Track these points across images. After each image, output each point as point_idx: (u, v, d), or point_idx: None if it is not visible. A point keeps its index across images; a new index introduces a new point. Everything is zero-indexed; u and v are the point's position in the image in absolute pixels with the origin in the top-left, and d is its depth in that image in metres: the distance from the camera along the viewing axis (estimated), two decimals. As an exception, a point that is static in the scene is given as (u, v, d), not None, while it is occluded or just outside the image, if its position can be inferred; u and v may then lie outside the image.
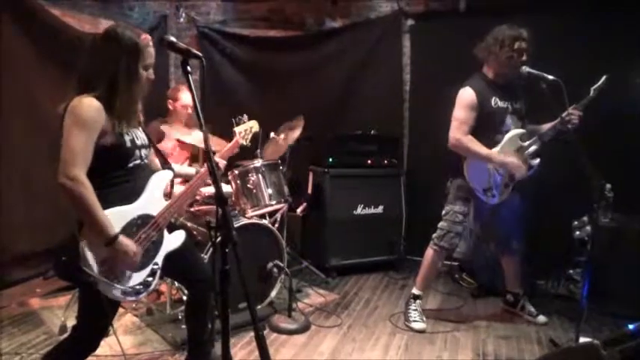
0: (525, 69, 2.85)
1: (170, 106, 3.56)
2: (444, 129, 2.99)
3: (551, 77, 2.74)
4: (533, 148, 3.00)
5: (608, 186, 3.25)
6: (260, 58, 4.90)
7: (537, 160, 3.02)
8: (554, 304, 3.49)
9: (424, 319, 3.16)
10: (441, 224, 3.12)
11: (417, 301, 3.21)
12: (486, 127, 2.95)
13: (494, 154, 2.93)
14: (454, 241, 3.10)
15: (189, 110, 3.57)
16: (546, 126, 3.00)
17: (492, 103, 2.95)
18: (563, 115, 2.81)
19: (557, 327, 3.17)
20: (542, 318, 3.22)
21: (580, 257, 3.44)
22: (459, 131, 2.93)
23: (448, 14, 4.43)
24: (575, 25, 3.75)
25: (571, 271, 3.66)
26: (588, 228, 3.31)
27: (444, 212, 3.14)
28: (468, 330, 3.13)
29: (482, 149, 2.92)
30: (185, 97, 3.54)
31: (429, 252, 3.17)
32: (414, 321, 3.13)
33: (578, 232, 3.39)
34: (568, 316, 3.27)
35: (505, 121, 2.99)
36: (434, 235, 3.15)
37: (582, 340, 2.55)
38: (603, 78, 2.77)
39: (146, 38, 1.87)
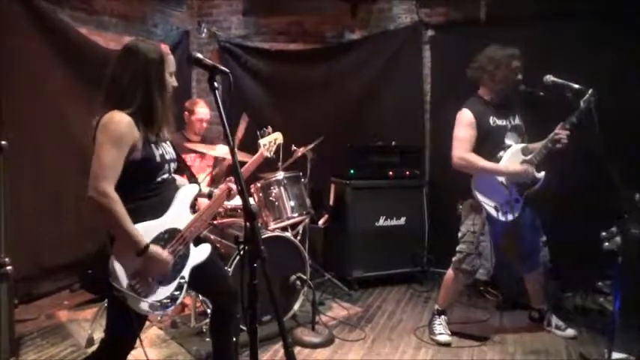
0: (550, 78, 2.81)
1: (186, 119, 3.66)
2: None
3: (576, 86, 2.71)
4: (536, 161, 2.95)
5: (638, 195, 3.17)
6: (280, 71, 4.95)
7: (542, 174, 2.96)
8: (583, 318, 3.41)
9: (449, 332, 3.11)
10: (459, 247, 3.06)
11: (442, 315, 3.17)
12: (487, 146, 2.94)
13: (500, 165, 2.92)
14: (475, 263, 3.02)
15: (204, 124, 3.67)
16: (538, 145, 2.95)
17: (491, 122, 2.96)
18: (551, 135, 2.83)
19: (587, 341, 3.09)
20: (570, 332, 3.15)
21: (610, 269, 3.35)
22: (460, 149, 2.93)
23: (468, 24, 4.40)
24: (596, 33, 3.69)
25: (599, 284, 3.57)
26: (618, 239, 3.22)
27: (460, 235, 3.08)
28: (495, 344, 3.08)
29: (487, 163, 2.91)
30: (201, 111, 3.63)
31: (450, 275, 3.11)
32: (440, 334, 3.09)
33: (607, 244, 3.29)
34: (598, 330, 3.18)
35: (505, 139, 2.99)
36: (454, 259, 3.08)
37: (615, 355, 2.48)
38: (590, 91, 2.74)
39: (165, 47, 1.96)
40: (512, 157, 2.94)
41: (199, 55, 1.65)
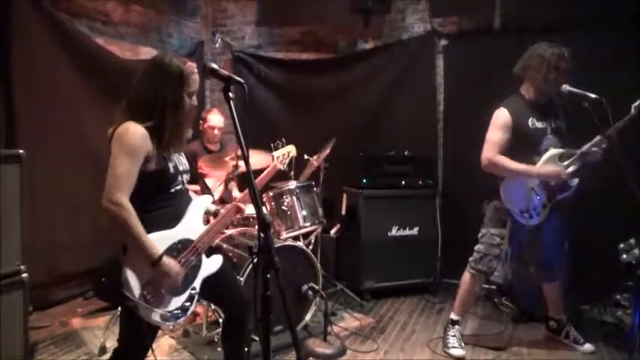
0: (566, 87, 2.78)
1: (200, 127, 3.72)
2: (479, 149, 2.93)
3: (593, 95, 2.67)
4: (571, 168, 2.90)
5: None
6: (294, 81, 4.97)
7: (576, 181, 2.91)
8: (601, 332, 3.34)
9: (463, 345, 3.07)
10: (477, 247, 3.04)
11: (456, 326, 3.12)
12: (523, 149, 2.87)
13: (530, 167, 2.84)
14: (492, 265, 3.00)
15: (216, 131, 3.73)
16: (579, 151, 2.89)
17: (529, 124, 2.88)
18: (587, 146, 2.75)
19: (604, 356, 3.03)
20: (588, 346, 3.08)
21: (628, 282, 3.28)
22: (491, 152, 2.87)
23: (482, 33, 4.40)
24: (611, 44, 3.66)
25: (618, 297, 3.50)
26: (636, 251, 3.16)
27: (480, 235, 3.05)
28: (510, 357, 3.02)
29: (516, 165, 2.83)
30: (212, 119, 3.70)
31: (466, 276, 3.08)
32: (453, 347, 3.04)
33: (625, 256, 3.23)
34: (616, 345, 3.12)
35: (543, 142, 2.90)
36: (470, 259, 3.06)
37: (635, 371, 2.42)
38: None
39: (191, 66, 1.91)
40: (547, 164, 2.87)
41: (215, 66, 1.65)
